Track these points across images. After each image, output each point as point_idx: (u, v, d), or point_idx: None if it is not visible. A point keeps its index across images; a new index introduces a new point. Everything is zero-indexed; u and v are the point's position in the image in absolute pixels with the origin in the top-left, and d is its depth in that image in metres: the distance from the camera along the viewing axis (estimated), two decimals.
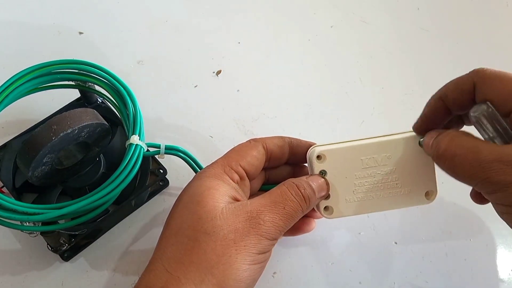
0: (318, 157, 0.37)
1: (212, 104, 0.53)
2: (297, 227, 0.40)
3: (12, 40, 0.57)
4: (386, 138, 0.38)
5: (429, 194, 0.38)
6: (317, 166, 0.37)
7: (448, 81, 0.34)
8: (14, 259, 0.43)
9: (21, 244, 0.43)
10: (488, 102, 0.32)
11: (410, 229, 0.45)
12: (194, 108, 0.52)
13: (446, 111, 0.34)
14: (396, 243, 0.44)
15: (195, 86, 0.54)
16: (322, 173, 0.37)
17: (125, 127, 0.42)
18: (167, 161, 0.45)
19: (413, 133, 0.37)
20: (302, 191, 0.35)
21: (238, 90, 0.54)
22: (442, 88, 0.34)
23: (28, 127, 0.46)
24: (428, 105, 0.35)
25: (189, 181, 0.37)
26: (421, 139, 0.37)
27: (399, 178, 0.38)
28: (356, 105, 0.53)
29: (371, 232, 0.44)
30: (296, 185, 0.35)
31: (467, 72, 0.33)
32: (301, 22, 0.60)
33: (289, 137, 0.40)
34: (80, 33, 0.57)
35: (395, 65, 0.56)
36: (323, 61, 0.56)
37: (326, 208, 0.38)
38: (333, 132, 0.51)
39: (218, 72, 0.55)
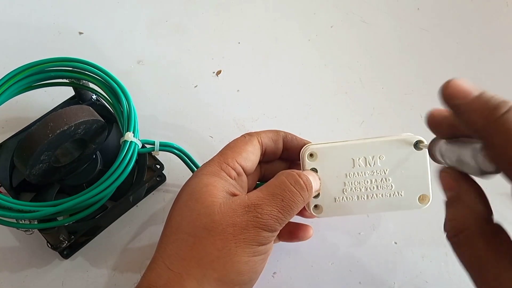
0: (311, 155, 0.37)
1: (212, 104, 0.53)
2: (295, 234, 0.40)
3: (12, 40, 0.57)
4: (379, 139, 0.37)
5: (423, 198, 0.38)
6: (308, 164, 0.37)
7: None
8: (13, 257, 0.43)
9: (20, 242, 0.43)
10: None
11: (410, 229, 0.45)
12: (194, 108, 0.52)
13: None
14: (396, 243, 0.44)
15: (195, 86, 0.54)
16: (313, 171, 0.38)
17: (120, 124, 0.42)
18: (164, 156, 0.45)
19: (409, 135, 0.37)
20: (304, 178, 0.35)
21: (238, 90, 0.54)
22: None
23: (24, 126, 0.46)
24: None
25: (187, 178, 0.37)
26: (416, 142, 0.36)
27: (392, 180, 0.37)
28: (356, 105, 0.53)
29: (371, 232, 0.44)
30: (296, 173, 0.35)
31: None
32: (301, 22, 0.60)
33: (284, 132, 0.40)
34: (80, 33, 0.57)
35: (395, 65, 0.56)
36: (323, 61, 0.56)
37: (316, 206, 0.38)
38: (333, 132, 0.51)
39: (218, 72, 0.55)
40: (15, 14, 0.59)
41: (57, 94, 0.49)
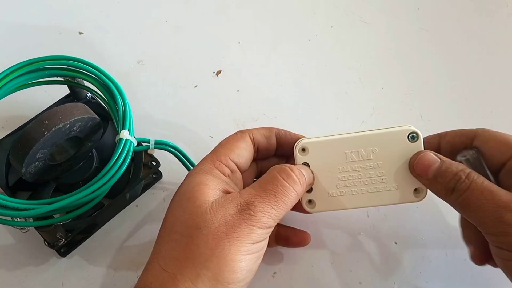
0: (303, 149, 0.37)
1: (212, 104, 0.53)
2: (292, 240, 0.41)
3: (12, 40, 0.57)
4: (372, 131, 0.37)
5: (418, 191, 0.37)
6: (300, 159, 0.37)
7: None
8: (11, 256, 0.43)
9: (18, 241, 0.43)
10: (475, 149, 0.35)
11: (410, 229, 0.45)
12: (194, 108, 0.52)
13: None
14: (396, 243, 0.44)
15: (195, 86, 0.54)
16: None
17: (115, 122, 0.42)
18: (162, 155, 0.45)
19: (402, 127, 0.37)
20: (296, 172, 0.35)
21: (238, 90, 0.54)
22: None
23: (19, 125, 0.47)
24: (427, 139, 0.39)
25: (185, 176, 0.37)
26: (410, 133, 0.36)
27: (386, 174, 0.37)
28: (356, 105, 0.53)
29: (371, 232, 0.44)
30: (288, 167, 0.35)
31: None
32: (301, 22, 0.60)
33: (277, 128, 0.40)
34: (80, 33, 0.57)
35: (395, 65, 0.56)
36: (323, 61, 0.56)
37: (309, 201, 0.38)
38: (333, 132, 0.51)
39: (218, 72, 0.55)
40: (15, 14, 0.59)
41: (58, 94, 0.49)
